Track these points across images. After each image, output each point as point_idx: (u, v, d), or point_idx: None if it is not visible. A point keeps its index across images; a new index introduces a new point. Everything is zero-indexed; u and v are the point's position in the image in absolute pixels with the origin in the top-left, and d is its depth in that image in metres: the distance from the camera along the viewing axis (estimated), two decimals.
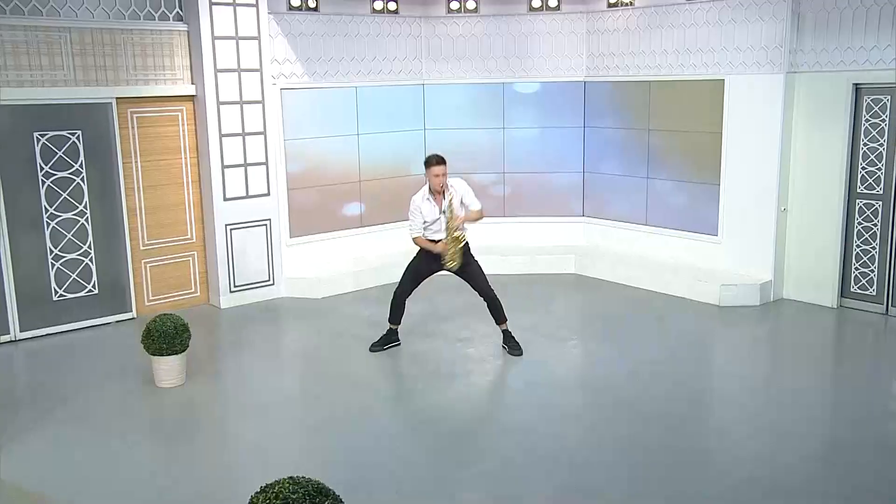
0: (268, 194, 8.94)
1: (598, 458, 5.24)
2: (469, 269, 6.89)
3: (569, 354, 7.22)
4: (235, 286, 8.80)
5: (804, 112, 8.25)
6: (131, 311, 8.36)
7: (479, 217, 6.82)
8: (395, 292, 7.14)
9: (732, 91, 8.58)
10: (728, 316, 8.16)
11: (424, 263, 6.97)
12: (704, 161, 8.96)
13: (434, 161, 6.70)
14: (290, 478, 3.17)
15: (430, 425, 5.86)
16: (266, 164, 8.89)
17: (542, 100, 10.09)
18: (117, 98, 8.00)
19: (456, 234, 6.64)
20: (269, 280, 9.03)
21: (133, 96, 8.09)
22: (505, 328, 7.11)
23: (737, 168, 8.67)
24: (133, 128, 8.19)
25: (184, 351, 6.50)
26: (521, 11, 9.90)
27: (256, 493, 3.14)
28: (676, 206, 9.31)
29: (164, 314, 6.51)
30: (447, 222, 6.64)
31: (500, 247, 10.14)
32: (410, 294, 7.13)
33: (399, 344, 7.36)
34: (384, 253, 9.87)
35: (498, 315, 7.04)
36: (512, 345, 7.07)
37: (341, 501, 3.16)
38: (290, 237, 9.29)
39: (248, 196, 8.79)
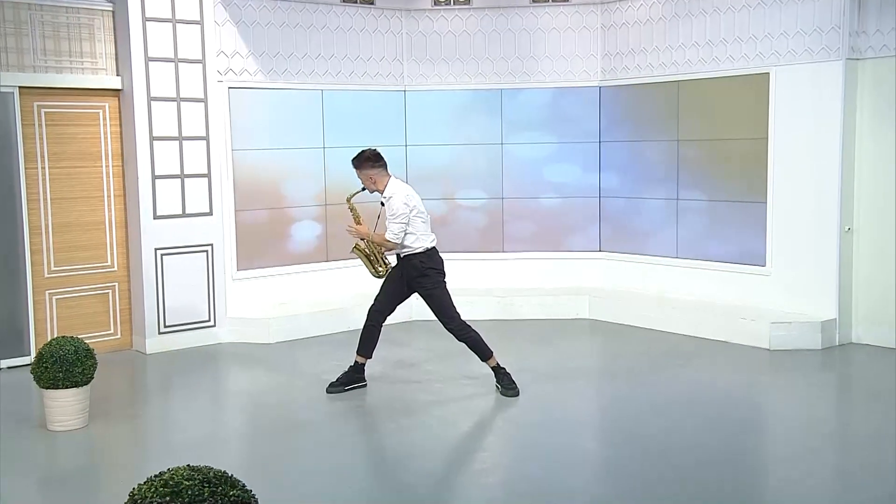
0: (210, 213, 8.42)
1: (606, 497, 4.84)
2: (433, 293, 6.58)
3: (575, 395, 6.85)
4: (166, 327, 8.19)
5: (870, 107, 7.80)
6: (30, 354, 7.66)
7: (381, 243, 6.66)
8: (369, 310, 6.73)
9: (779, 86, 8.17)
10: (781, 360, 7.56)
11: (395, 273, 6.75)
12: (747, 174, 8.50)
13: None
14: (188, 465, 2.95)
15: (398, 464, 5.48)
16: (209, 176, 8.39)
17: (548, 109, 9.70)
18: (20, 87, 7.55)
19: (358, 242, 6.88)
20: (208, 320, 8.44)
21: (41, 86, 7.65)
22: (494, 364, 6.63)
23: (787, 181, 8.20)
24: (40, 126, 7.72)
25: (86, 383, 5.92)
26: (523, 3, 9.57)
27: (141, 483, 2.88)
28: (713, 232, 8.83)
29: (64, 336, 5.98)
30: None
31: (498, 288, 9.64)
32: (386, 315, 6.74)
33: (365, 385, 6.82)
34: (351, 293, 9.26)
35: (480, 350, 6.61)
36: (505, 383, 6.54)
37: (252, 496, 2.92)
38: (238, 269, 8.72)
39: (184, 215, 8.28)
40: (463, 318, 6.60)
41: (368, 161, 6.60)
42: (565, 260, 9.81)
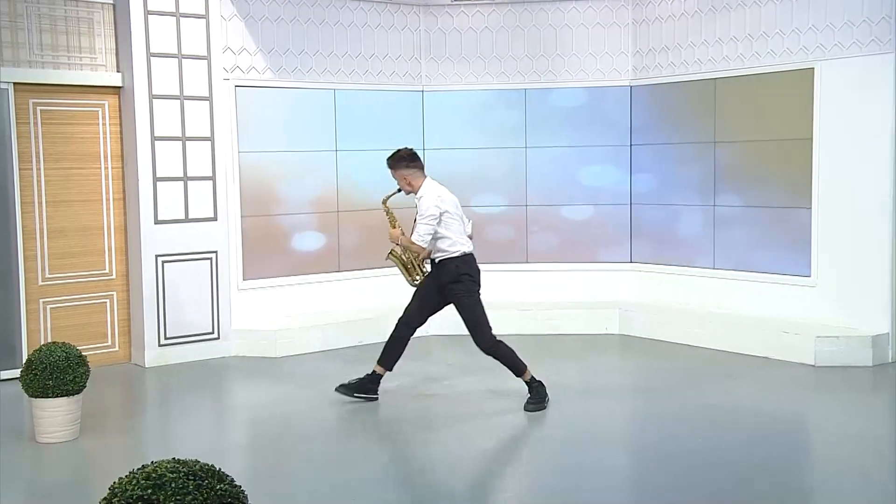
0: (214, 219, 8.32)
1: None
2: (466, 302, 6.48)
3: (604, 412, 6.69)
4: (167, 338, 8.08)
5: None
6: (22, 366, 7.50)
7: (408, 247, 6.54)
8: (398, 320, 6.69)
9: (825, 82, 7.99)
10: (827, 378, 7.34)
11: (428, 280, 6.65)
12: (790, 178, 8.32)
13: None
14: (174, 458, 2.94)
15: (414, 479, 5.44)
16: (213, 179, 8.30)
17: (575, 110, 9.57)
18: (15, 83, 7.54)
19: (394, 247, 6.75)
20: (212, 332, 8.32)
21: (37, 82, 7.64)
22: (528, 378, 6.53)
23: (834, 184, 8.00)
24: (36, 124, 7.69)
25: (78, 392, 5.86)
26: None
27: (122, 476, 2.86)
28: (754, 241, 8.64)
29: (54, 342, 5.93)
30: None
31: (521, 301, 9.45)
32: (415, 328, 6.70)
33: (376, 399, 6.71)
34: (365, 306, 9.14)
35: (513, 365, 6.51)
36: (533, 396, 6.48)
37: (241, 491, 2.87)
38: (243, 279, 8.60)
39: (187, 220, 8.19)
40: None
41: (403, 161, 6.52)
42: (594, 272, 9.64)
